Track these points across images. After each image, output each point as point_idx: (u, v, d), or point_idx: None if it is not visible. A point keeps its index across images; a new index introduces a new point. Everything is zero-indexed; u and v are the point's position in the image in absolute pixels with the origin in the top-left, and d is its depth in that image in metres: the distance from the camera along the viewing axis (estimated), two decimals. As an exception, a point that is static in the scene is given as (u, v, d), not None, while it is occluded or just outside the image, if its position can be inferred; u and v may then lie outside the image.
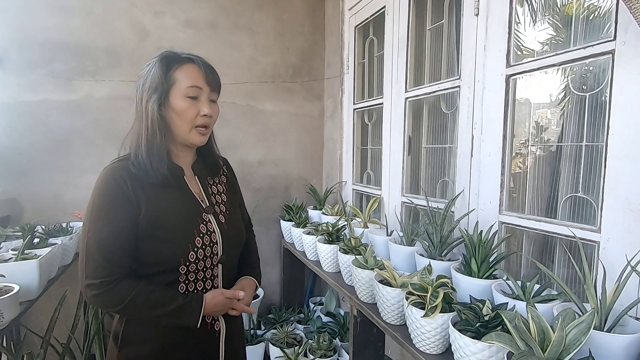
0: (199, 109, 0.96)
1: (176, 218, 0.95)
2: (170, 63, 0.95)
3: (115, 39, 2.22)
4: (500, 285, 1.07)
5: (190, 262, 0.95)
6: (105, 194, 0.89)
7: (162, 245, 0.92)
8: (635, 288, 0.88)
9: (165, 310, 0.90)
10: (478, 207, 1.35)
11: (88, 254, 0.88)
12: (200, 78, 0.96)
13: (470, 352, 0.86)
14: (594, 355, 0.73)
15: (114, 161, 0.95)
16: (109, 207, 0.89)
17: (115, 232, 0.88)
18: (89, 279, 0.87)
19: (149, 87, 0.93)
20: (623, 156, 0.93)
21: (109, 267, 0.87)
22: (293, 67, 2.65)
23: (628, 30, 0.91)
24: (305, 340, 2.24)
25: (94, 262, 0.87)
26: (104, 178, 0.91)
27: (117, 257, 0.88)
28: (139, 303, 0.89)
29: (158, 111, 0.93)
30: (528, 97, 1.29)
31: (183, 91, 0.94)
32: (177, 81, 0.94)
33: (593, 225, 1.02)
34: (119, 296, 0.88)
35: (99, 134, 2.23)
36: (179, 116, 0.95)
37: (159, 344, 0.95)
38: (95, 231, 0.88)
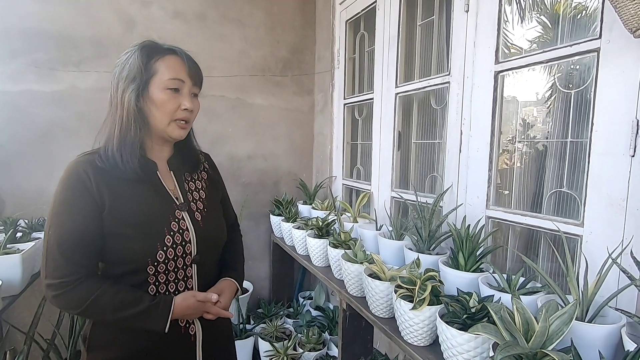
0: (180, 102, 0.92)
1: (144, 214, 0.90)
2: (151, 53, 0.91)
3: (100, 28, 2.17)
4: (486, 278, 1.09)
5: (159, 262, 0.90)
6: (66, 189, 0.85)
7: (128, 243, 0.87)
8: (615, 280, 0.91)
9: (130, 312, 0.84)
10: (466, 201, 1.37)
11: (48, 253, 0.83)
12: (183, 71, 0.93)
13: (457, 343, 0.88)
14: (575, 344, 0.75)
15: (80, 155, 0.91)
16: (70, 203, 0.84)
17: (76, 229, 0.83)
18: (49, 279, 0.82)
19: (127, 76, 0.89)
20: (605, 152, 0.96)
21: (69, 266, 0.82)
22: (283, 61, 2.63)
23: (613, 29, 0.93)
24: (295, 334, 2.25)
25: (54, 262, 0.82)
26: (67, 173, 0.86)
27: (78, 256, 0.83)
28: (102, 305, 0.83)
29: (135, 102, 0.89)
30: (516, 94, 1.31)
31: (164, 83, 0.90)
32: (158, 72, 0.90)
33: (576, 220, 1.05)
34: (79, 297, 0.82)
35: (83, 126, 2.17)
36: (158, 108, 0.91)
37: (127, 348, 0.90)
38: (56, 228, 0.83)
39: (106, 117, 0.95)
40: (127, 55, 0.91)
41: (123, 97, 0.89)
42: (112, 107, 0.92)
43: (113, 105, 0.92)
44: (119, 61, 0.92)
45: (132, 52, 0.91)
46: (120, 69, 0.91)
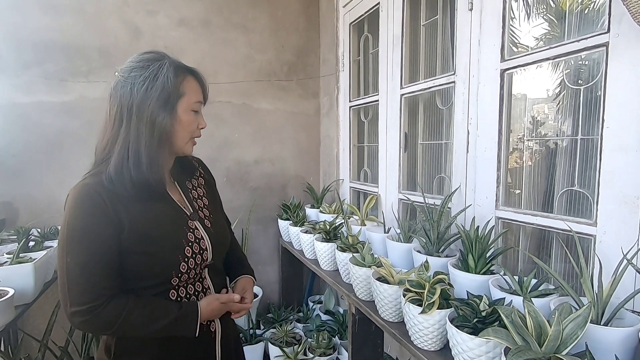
0: (198, 122, 0.95)
1: (163, 230, 0.90)
2: (178, 73, 0.90)
3: (107, 38, 2.20)
4: (497, 281, 1.07)
5: (182, 273, 0.91)
6: (82, 215, 0.82)
7: (150, 259, 0.87)
8: (631, 281, 0.88)
9: (161, 324, 0.86)
10: (475, 202, 1.35)
11: (70, 280, 0.81)
12: (201, 93, 0.96)
13: (467, 348, 0.86)
14: (590, 349, 0.72)
15: (85, 178, 0.87)
16: (87, 229, 0.82)
17: (97, 254, 0.82)
18: (75, 306, 0.80)
19: (158, 96, 0.86)
20: (617, 149, 0.93)
21: (95, 290, 0.81)
22: (288, 65, 2.64)
23: (621, 22, 0.91)
24: (305, 339, 2.24)
25: (78, 288, 0.80)
26: (79, 197, 0.82)
27: (102, 280, 0.82)
28: (133, 321, 0.84)
29: (169, 122, 0.88)
30: (523, 91, 1.28)
31: (191, 105, 0.92)
32: (185, 94, 0.91)
33: (589, 219, 1.02)
34: (109, 319, 0.82)
35: (93, 135, 2.18)
36: (183, 128, 0.92)
37: (155, 352, 0.91)
38: (75, 255, 0.81)
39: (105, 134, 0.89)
40: (151, 70, 0.87)
41: (153, 117, 0.86)
42: (123, 123, 0.87)
43: (134, 124, 0.86)
44: (136, 74, 0.86)
45: (160, 67, 0.87)
46: (146, 86, 0.86)
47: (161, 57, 0.90)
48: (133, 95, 0.86)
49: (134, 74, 0.87)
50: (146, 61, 0.88)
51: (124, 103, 0.86)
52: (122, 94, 0.87)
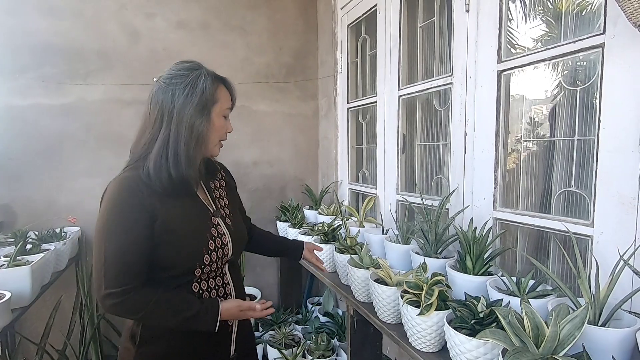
0: (227, 126, 1.05)
1: (190, 224, 0.98)
2: (214, 82, 0.99)
3: (106, 41, 2.21)
4: (495, 282, 1.07)
5: (205, 265, 0.98)
6: (121, 204, 0.90)
7: (178, 251, 0.95)
8: (629, 281, 0.88)
9: (183, 316, 0.92)
10: (472, 203, 1.35)
11: (107, 263, 0.88)
12: (230, 99, 1.05)
13: (465, 350, 0.85)
14: (588, 350, 0.72)
15: (124, 171, 0.95)
16: (126, 217, 0.89)
17: (134, 241, 0.89)
18: (110, 288, 0.87)
19: (198, 102, 0.94)
20: (614, 149, 0.93)
21: (130, 275, 0.89)
22: (286, 67, 2.64)
23: (617, 24, 0.91)
24: (304, 341, 2.23)
25: (114, 271, 0.87)
26: (118, 188, 0.91)
27: (136, 266, 0.90)
28: (159, 310, 0.91)
29: (205, 126, 0.96)
30: (520, 92, 1.28)
31: (223, 111, 1.01)
32: (219, 100, 1.00)
33: (586, 220, 1.02)
34: (140, 303, 0.89)
35: (91, 138, 2.21)
36: (214, 132, 1.00)
37: (176, 341, 0.98)
38: (114, 241, 0.88)
39: (145, 133, 0.97)
40: (191, 78, 0.95)
41: (192, 121, 0.94)
42: (163, 126, 0.94)
43: (173, 127, 0.93)
44: (177, 82, 0.94)
45: (198, 76, 0.96)
46: (186, 93, 0.94)
47: (198, 66, 0.99)
48: (174, 100, 0.94)
49: (174, 81, 0.95)
50: (185, 70, 0.97)
51: (165, 107, 0.94)
52: (163, 99, 0.95)
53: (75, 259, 2.13)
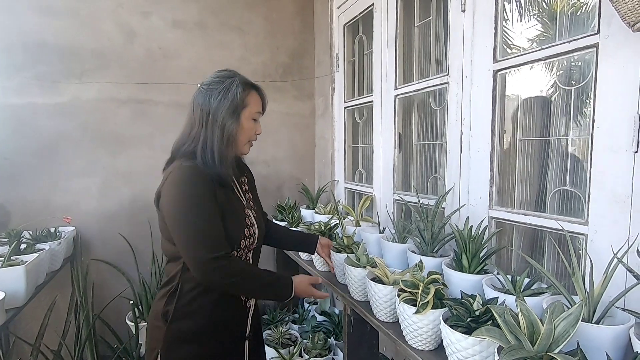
0: (256, 128, 1.16)
1: (235, 212, 1.11)
2: (245, 88, 1.11)
3: (101, 40, 2.19)
4: (490, 280, 1.07)
5: (241, 249, 1.10)
6: (197, 186, 1.01)
7: (227, 231, 1.05)
8: (622, 279, 0.89)
9: (266, 281, 1.09)
10: (468, 202, 1.35)
11: (204, 234, 0.99)
12: (261, 104, 1.17)
13: (461, 347, 0.86)
14: (582, 347, 0.73)
15: (182, 161, 1.05)
16: (204, 197, 1.01)
17: (216, 215, 1.02)
18: (212, 253, 0.98)
19: (229, 106, 1.07)
20: (608, 149, 0.94)
21: (224, 243, 1.02)
22: (283, 67, 2.64)
23: (611, 24, 0.92)
24: (300, 340, 2.23)
25: (213, 239, 1.00)
26: (190, 174, 1.02)
27: (223, 235, 1.03)
28: (250, 275, 1.06)
29: (235, 128, 1.08)
30: (516, 92, 1.29)
31: (252, 115, 1.13)
32: (249, 105, 1.11)
33: (581, 218, 1.03)
34: (237, 267, 1.03)
35: (87, 137, 2.20)
36: (244, 133, 1.12)
37: (203, 319, 1.07)
38: (201, 216, 0.99)
39: (192, 130, 1.09)
40: (224, 86, 1.08)
41: (223, 123, 1.07)
42: (205, 126, 1.07)
43: (209, 127, 1.07)
44: (214, 87, 1.08)
45: (230, 84, 1.08)
46: (223, 97, 1.07)
47: (233, 74, 1.12)
48: (210, 104, 1.07)
49: (211, 87, 1.09)
50: (221, 77, 1.10)
51: (204, 109, 1.07)
52: (202, 102, 1.08)
53: (70, 259, 2.11)
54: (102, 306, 2.05)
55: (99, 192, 2.24)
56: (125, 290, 2.22)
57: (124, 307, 2.18)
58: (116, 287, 2.25)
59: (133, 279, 2.26)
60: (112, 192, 2.27)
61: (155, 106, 2.33)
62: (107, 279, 2.29)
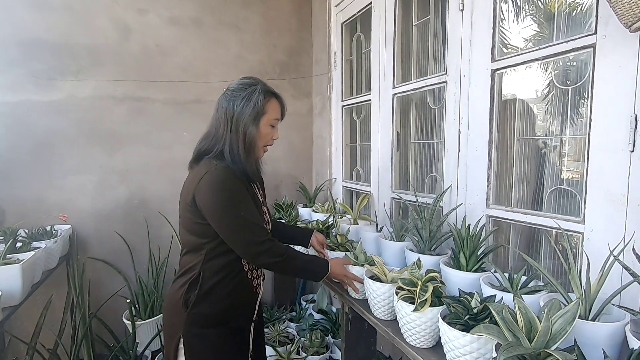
0: (273, 134, 1.23)
1: (257, 207, 1.19)
2: (266, 95, 1.18)
3: (97, 37, 2.17)
4: (488, 278, 1.08)
5: None
6: (234, 185, 1.11)
7: None
8: (618, 277, 0.90)
9: (305, 259, 1.23)
10: (466, 201, 1.36)
11: (253, 225, 1.13)
12: (279, 112, 1.24)
13: (459, 345, 0.87)
14: (579, 344, 0.74)
15: (214, 163, 1.13)
16: (243, 192, 1.13)
17: (254, 207, 1.15)
18: (263, 237, 1.13)
19: (250, 113, 1.14)
20: (605, 148, 0.95)
21: (266, 229, 1.19)
22: (280, 65, 2.63)
23: (608, 24, 0.92)
24: (298, 338, 2.24)
25: (259, 228, 1.14)
26: (225, 175, 1.10)
27: (263, 223, 1.18)
28: (294, 253, 1.20)
29: (255, 134, 1.16)
30: (513, 91, 1.30)
31: (270, 121, 1.19)
32: (267, 112, 1.18)
33: (577, 217, 1.04)
34: (281, 249, 1.16)
35: (82, 135, 2.18)
36: (261, 138, 1.20)
37: (219, 304, 1.16)
38: (245, 210, 1.12)
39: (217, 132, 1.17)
40: (248, 92, 1.15)
41: (245, 129, 1.14)
42: (228, 130, 1.15)
43: (232, 131, 1.14)
44: (238, 94, 1.15)
45: (254, 91, 1.16)
46: (245, 103, 1.14)
47: (256, 82, 1.19)
48: (235, 109, 1.15)
49: (235, 93, 1.16)
50: (245, 85, 1.18)
51: (228, 114, 1.15)
52: (227, 106, 1.16)
53: (66, 257, 2.10)
54: (98, 305, 2.04)
55: (95, 190, 2.22)
56: (121, 289, 2.21)
57: (121, 306, 2.17)
58: (112, 285, 2.24)
59: (130, 277, 2.25)
60: (108, 190, 2.25)
61: (152, 104, 2.32)
62: (103, 278, 2.27)
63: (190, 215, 1.14)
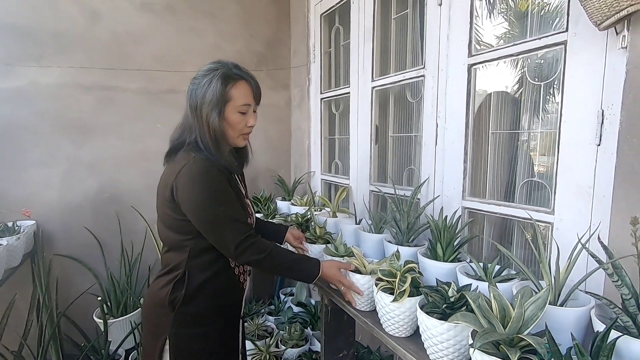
0: (247, 120, 1.13)
1: (240, 201, 1.14)
2: (226, 79, 1.07)
3: (62, 21, 2.05)
4: (464, 268, 1.11)
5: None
6: (215, 179, 1.05)
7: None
8: (584, 264, 0.95)
9: (293, 258, 1.16)
10: (442, 193, 1.39)
11: (233, 218, 1.07)
12: (250, 95, 1.12)
13: (437, 333, 0.89)
14: (549, 328, 0.77)
15: (193, 155, 1.06)
16: (224, 185, 1.07)
17: (236, 201, 1.10)
18: (243, 234, 1.07)
19: (209, 102, 1.06)
20: (573, 142, 0.99)
21: (248, 224, 1.13)
22: (258, 56, 2.58)
23: (579, 23, 0.96)
24: (277, 331, 2.23)
25: (241, 222, 1.09)
26: (204, 168, 1.04)
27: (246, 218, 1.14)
28: (280, 250, 1.15)
29: (218, 123, 1.07)
30: (488, 86, 1.33)
31: (237, 108, 1.09)
32: (232, 98, 1.08)
33: (547, 208, 1.08)
34: (264, 245, 1.11)
35: (47, 125, 2.06)
36: (231, 127, 1.11)
37: (206, 302, 1.12)
38: (226, 205, 1.06)
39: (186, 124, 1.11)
40: (206, 80, 1.06)
41: (208, 119, 1.06)
42: (195, 120, 1.08)
43: (197, 121, 1.08)
44: (198, 82, 1.08)
45: (212, 77, 1.06)
46: (202, 92, 1.06)
47: (217, 67, 1.09)
48: (197, 98, 1.08)
49: (196, 82, 1.09)
50: (206, 70, 1.09)
51: (192, 104, 1.08)
52: (190, 97, 1.09)
53: (31, 255, 1.99)
54: (67, 304, 1.95)
55: (61, 183, 2.11)
56: (92, 287, 2.12)
57: (91, 304, 2.09)
58: (82, 283, 2.14)
59: (100, 274, 2.17)
60: (76, 184, 2.15)
61: (123, 93, 2.22)
62: (72, 275, 2.17)
63: (169, 212, 1.09)
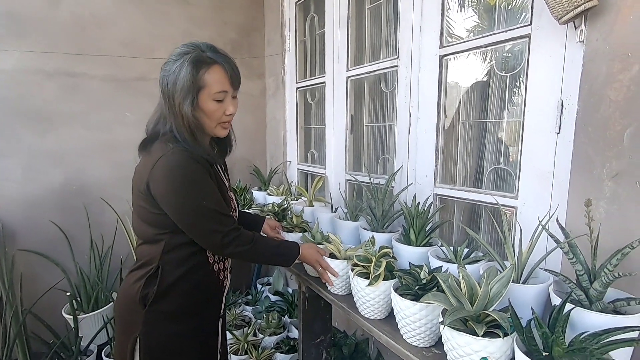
0: (225, 109, 1.05)
1: (222, 193, 1.09)
2: (198, 64, 0.98)
3: (18, 2, 1.92)
4: (435, 251, 1.16)
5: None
6: (193, 172, 0.99)
7: None
8: (544, 244, 1.02)
9: (274, 244, 1.16)
10: (415, 181, 1.44)
11: (214, 211, 1.02)
12: (227, 81, 1.02)
13: (410, 313, 0.93)
14: (512, 304, 0.83)
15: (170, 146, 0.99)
16: (204, 177, 1.01)
17: (217, 192, 1.05)
18: (229, 227, 1.04)
19: (181, 89, 0.97)
20: (536, 130, 1.05)
21: (232, 218, 1.08)
22: (232, 43, 2.53)
23: (542, 16, 1.01)
24: (255, 320, 2.25)
25: (224, 216, 1.05)
26: (182, 160, 0.98)
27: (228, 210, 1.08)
28: (262, 240, 1.14)
29: (192, 112, 0.99)
30: (458, 77, 1.38)
31: (212, 95, 1.01)
32: (206, 85, 0.99)
33: (512, 193, 1.14)
34: (248, 237, 1.09)
35: (4, 113, 1.94)
36: (207, 116, 1.03)
37: (182, 299, 1.07)
38: (208, 198, 1.01)
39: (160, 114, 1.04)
40: (176, 66, 0.97)
41: (181, 108, 0.98)
42: (171, 112, 1.00)
43: (172, 111, 1.00)
44: (167, 67, 0.99)
45: (182, 62, 0.97)
46: (173, 79, 0.98)
47: (188, 50, 0.99)
48: (169, 86, 0.99)
49: (166, 68, 1.00)
50: (177, 54, 0.99)
51: (164, 92, 1.00)
52: (162, 83, 1.01)
53: (-8, 251, 1.89)
54: (33, 300, 1.87)
55: (23, 175, 2.00)
56: (60, 282, 2.05)
57: (60, 300, 2.02)
58: (49, 279, 2.06)
59: (69, 269, 2.09)
60: (39, 175, 2.04)
61: (89, 80, 2.12)
62: (38, 271, 2.08)
63: (145, 205, 1.03)
